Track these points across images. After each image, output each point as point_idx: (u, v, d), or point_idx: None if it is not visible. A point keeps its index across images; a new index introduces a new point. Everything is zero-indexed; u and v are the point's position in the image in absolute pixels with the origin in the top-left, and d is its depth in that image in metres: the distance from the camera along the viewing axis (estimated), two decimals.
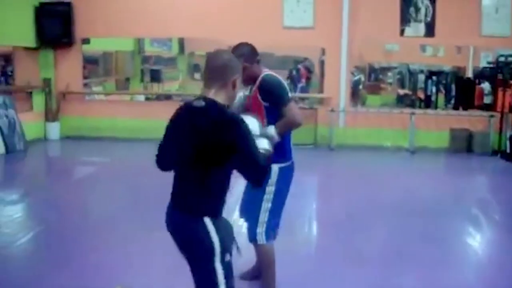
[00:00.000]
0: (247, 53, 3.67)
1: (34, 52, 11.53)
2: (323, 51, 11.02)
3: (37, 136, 11.23)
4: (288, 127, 3.68)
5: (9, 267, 4.67)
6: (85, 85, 12.13)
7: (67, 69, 11.73)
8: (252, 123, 2.96)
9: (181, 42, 12.90)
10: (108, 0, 11.45)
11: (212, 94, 2.76)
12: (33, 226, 5.87)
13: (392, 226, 5.99)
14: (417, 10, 10.54)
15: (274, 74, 3.80)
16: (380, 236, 5.67)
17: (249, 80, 3.69)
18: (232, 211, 4.42)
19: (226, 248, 2.73)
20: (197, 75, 12.18)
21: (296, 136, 3.96)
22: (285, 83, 3.83)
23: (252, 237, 3.79)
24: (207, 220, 2.71)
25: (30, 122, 10.99)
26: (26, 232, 5.63)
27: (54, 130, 11.54)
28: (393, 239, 5.58)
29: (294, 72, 11.66)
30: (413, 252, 5.16)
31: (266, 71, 3.78)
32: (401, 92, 11.51)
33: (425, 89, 11.05)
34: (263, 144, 3.00)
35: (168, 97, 12.26)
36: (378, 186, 8.01)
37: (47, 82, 11.58)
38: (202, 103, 2.73)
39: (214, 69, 2.79)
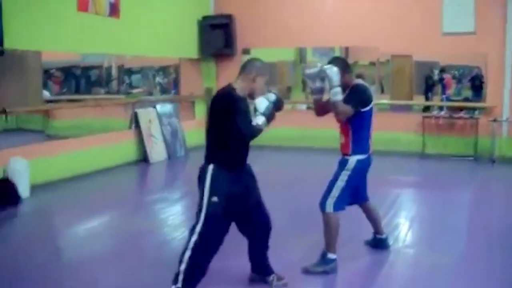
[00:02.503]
0: (338, 64, 4.52)
1: (198, 63, 12.17)
2: (485, 58, 10.39)
3: (198, 143, 11.74)
4: (337, 109, 4.46)
5: (169, 256, 4.81)
6: None
7: (228, 79, 11.93)
8: (261, 102, 3.94)
9: (343, 52, 12.87)
10: (269, 11, 11.76)
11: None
12: (188, 224, 6.20)
13: None
14: None
15: (364, 84, 4.81)
16: None
17: (342, 86, 4.51)
18: None
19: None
20: None
21: (455, 147, 4.00)
22: (369, 92, 4.71)
23: (322, 206, 4.60)
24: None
25: (192, 130, 11.57)
26: (183, 229, 5.93)
27: None
28: None
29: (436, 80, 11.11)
30: None
31: (358, 81, 4.83)
32: None
33: None
34: (258, 119, 3.90)
35: None
36: None
37: (209, 91, 12.13)
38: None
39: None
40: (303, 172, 9.36)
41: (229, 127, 3.80)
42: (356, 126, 4.62)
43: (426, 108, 11.06)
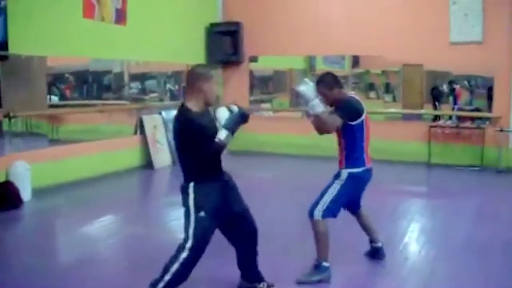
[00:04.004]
0: (326, 80, 4.64)
1: None
2: (493, 67, 10.26)
3: None
4: (321, 121, 4.43)
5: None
6: (251, 102, 12.49)
7: (234, 87, 12.20)
8: (221, 112, 3.81)
9: (355, 60, 12.85)
10: (277, 19, 11.77)
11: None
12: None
13: None
14: None
15: (355, 97, 4.76)
16: None
17: (330, 102, 4.61)
18: None
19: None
20: (372, 94, 12.05)
21: (461, 157, 3.97)
22: (359, 106, 4.65)
23: (310, 213, 4.59)
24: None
25: None
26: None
27: None
28: None
29: (447, 92, 11.07)
30: None
31: (351, 94, 4.83)
32: None
33: None
34: (220, 134, 3.71)
35: None
36: None
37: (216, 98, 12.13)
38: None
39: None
40: (310, 180, 9.32)
41: (193, 148, 3.77)
42: (348, 141, 4.66)
43: (436, 118, 10.98)
